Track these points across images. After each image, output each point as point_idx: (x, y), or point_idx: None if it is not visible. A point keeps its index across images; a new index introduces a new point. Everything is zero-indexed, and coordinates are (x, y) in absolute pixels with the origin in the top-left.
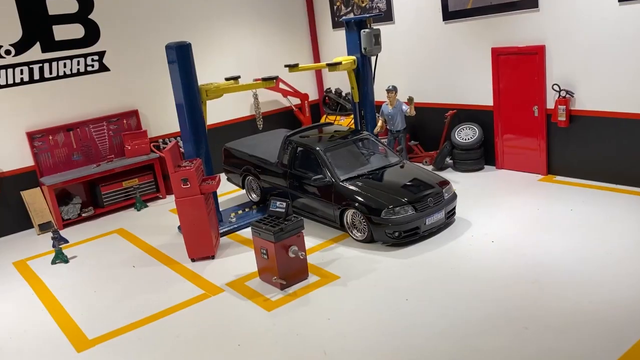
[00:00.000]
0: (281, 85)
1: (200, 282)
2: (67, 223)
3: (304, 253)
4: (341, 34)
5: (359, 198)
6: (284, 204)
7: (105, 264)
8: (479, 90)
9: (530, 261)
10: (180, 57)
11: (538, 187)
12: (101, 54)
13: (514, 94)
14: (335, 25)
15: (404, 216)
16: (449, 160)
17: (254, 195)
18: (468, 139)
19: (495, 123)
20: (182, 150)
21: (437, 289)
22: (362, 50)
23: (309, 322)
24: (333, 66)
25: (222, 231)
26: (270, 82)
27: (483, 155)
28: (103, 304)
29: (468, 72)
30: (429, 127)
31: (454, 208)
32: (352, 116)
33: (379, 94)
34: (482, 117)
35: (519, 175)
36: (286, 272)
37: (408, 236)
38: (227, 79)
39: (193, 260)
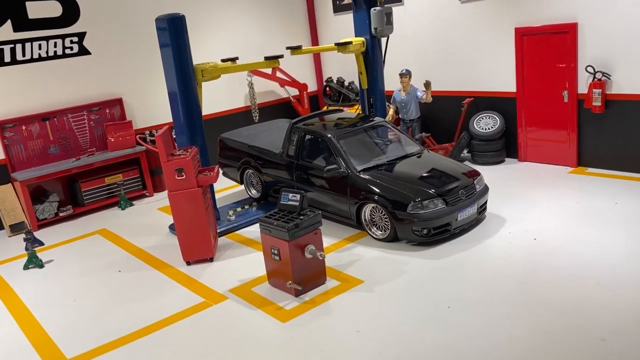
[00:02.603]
0: (278, 74)
1: (199, 289)
2: (43, 224)
3: (323, 253)
4: (342, 18)
5: (380, 191)
6: (298, 196)
7: (86, 269)
8: (499, 76)
9: (584, 260)
10: (173, 30)
11: (570, 179)
12: (81, 35)
13: (541, 79)
14: (337, 9)
15: (433, 210)
16: (466, 153)
17: (253, 191)
18: (488, 128)
19: (518, 111)
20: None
21: (482, 294)
22: (372, 30)
23: (335, 336)
24: (343, 46)
25: (220, 230)
26: (275, 61)
27: (504, 147)
28: (84, 315)
29: (487, 56)
30: (441, 117)
31: (486, 202)
32: (356, 107)
33: (388, 82)
34: (503, 105)
35: (545, 167)
36: (302, 275)
37: (438, 234)
38: (223, 61)
39: (189, 263)
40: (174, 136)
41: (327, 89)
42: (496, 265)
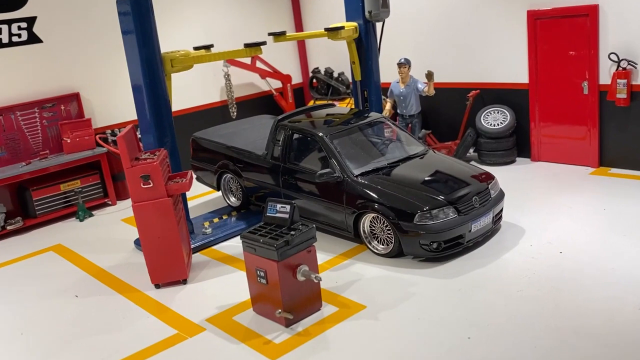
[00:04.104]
0: (258, 65)
1: (170, 318)
2: None
3: (319, 275)
4: (331, 1)
5: (381, 198)
6: (288, 207)
7: (36, 294)
8: (510, 65)
9: (620, 277)
10: (137, 14)
11: (592, 182)
12: (30, 21)
13: (557, 68)
14: None
15: (444, 221)
16: (472, 152)
17: (232, 199)
18: (497, 124)
19: (531, 105)
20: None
21: (507, 321)
22: (366, 14)
23: None
24: (333, 32)
25: (194, 246)
26: (256, 49)
27: (515, 145)
28: (33, 352)
29: (496, 42)
30: (444, 113)
31: (501, 210)
32: (347, 101)
33: (384, 73)
34: (514, 97)
35: (562, 168)
36: (293, 301)
37: (449, 248)
38: (196, 49)
39: (158, 286)
40: (139, 136)
41: (314, 80)
42: (520, 285)
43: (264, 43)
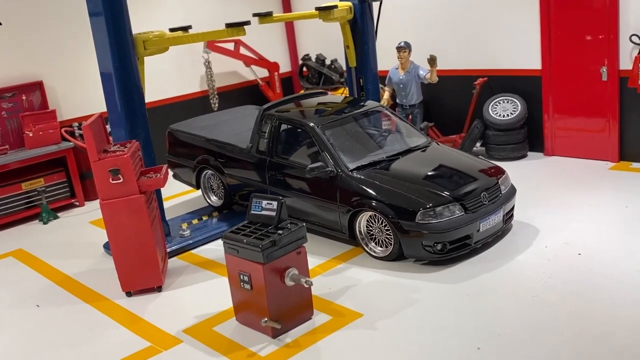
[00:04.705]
0: (242, 51)
1: (143, 329)
2: None
3: (310, 279)
4: None
5: (379, 195)
6: (274, 203)
7: None
8: (520, 49)
9: None
10: None
11: (612, 177)
12: None
13: (572, 52)
14: None
15: (449, 220)
16: (479, 146)
17: (214, 198)
18: (507, 115)
19: (544, 93)
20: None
21: (521, 329)
22: None
23: None
24: (325, 12)
25: (170, 250)
26: (239, 30)
27: (527, 138)
28: None
29: (506, 25)
30: (448, 103)
31: (513, 207)
32: (341, 90)
33: (381, 58)
34: (525, 85)
35: (579, 163)
36: (281, 309)
37: (456, 249)
38: (172, 30)
39: (129, 294)
40: (109, 130)
41: (304, 68)
42: (534, 290)
43: (247, 23)
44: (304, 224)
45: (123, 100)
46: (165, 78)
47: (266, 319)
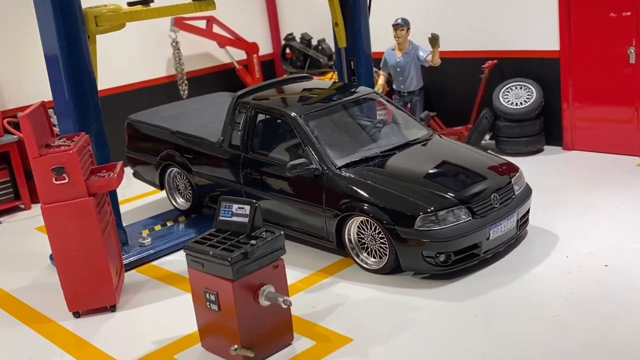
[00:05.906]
0: (216, 29)
1: (92, 357)
2: None
3: (288, 299)
4: None
5: (372, 197)
6: (247, 207)
7: None
8: (535, 29)
9: None
10: None
11: None
12: None
13: (595, 32)
14: None
15: (454, 226)
16: (488, 139)
17: (180, 200)
18: (520, 104)
19: (562, 78)
20: (55, 124)
21: (538, 357)
22: None
23: None
24: None
25: (127, 261)
26: (209, 3)
27: (543, 130)
28: None
29: (517, 2)
30: (452, 89)
31: (528, 211)
32: (330, 75)
33: (376, 39)
34: (541, 69)
35: (603, 158)
36: (254, 334)
37: (461, 260)
38: (130, 4)
39: (77, 314)
40: (55, 123)
41: (287, 50)
42: (554, 309)
43: None
44: (282, 232)
45: (71, 86)
46: (125, 61)
47: (236, 346)
